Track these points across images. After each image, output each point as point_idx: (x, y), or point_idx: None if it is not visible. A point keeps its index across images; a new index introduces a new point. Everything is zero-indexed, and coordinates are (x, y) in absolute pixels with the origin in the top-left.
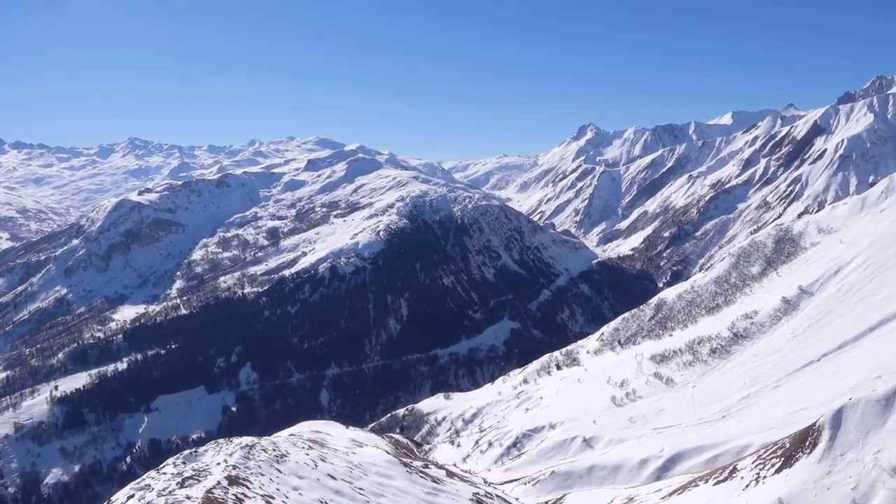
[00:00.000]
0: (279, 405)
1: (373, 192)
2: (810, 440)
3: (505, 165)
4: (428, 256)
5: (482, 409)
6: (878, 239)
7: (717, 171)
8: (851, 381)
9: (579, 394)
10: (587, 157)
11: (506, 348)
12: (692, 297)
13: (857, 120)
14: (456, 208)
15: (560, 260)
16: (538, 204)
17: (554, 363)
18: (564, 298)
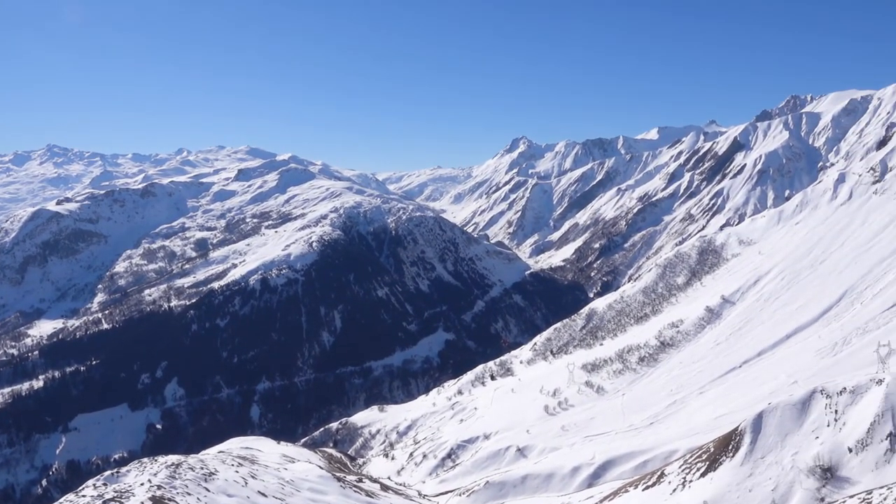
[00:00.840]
0: (208, 421)
1: (306, 203)
2: (733, 444)
3: (439, 177)
4: (362, 268)
5: (417, 421)
6: (793, 250)
7: (645, 185)
8: (770, 387)
9: (513, 403)
10: (520, 169)
11: (440, 360)
12: (621, 307)
13: (773, 137)
14: (390, 219)
15: (494, 271)
16: (472, 215)
17: (488, 373)
18: (498, 309)
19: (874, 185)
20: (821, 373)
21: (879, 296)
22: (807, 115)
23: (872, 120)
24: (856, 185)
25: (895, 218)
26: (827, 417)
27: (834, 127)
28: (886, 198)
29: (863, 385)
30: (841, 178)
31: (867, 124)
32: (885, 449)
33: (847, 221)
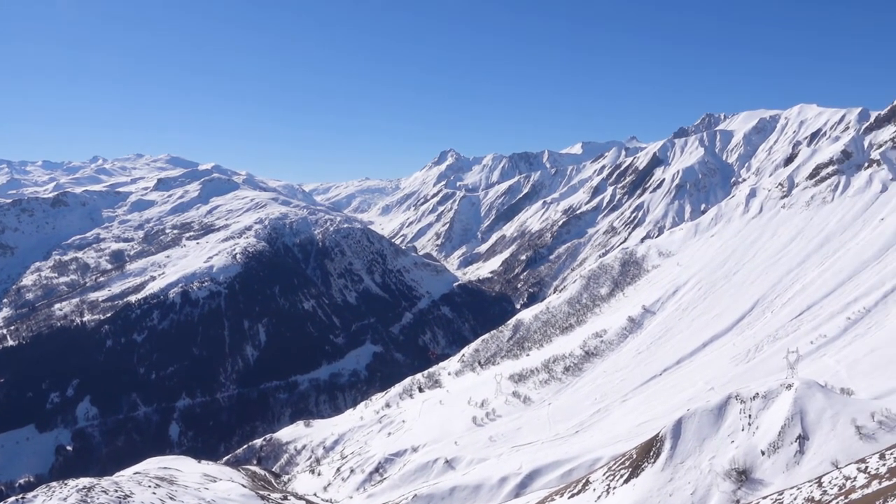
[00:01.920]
0: (123, 441)
1: (229, 214)
2: (654, 450)
3: (367, 188)
4: (288, 280)
5: (344, 436)
6: (709, 262)
7: (569, 198)
8: (689, 393)
9: (441, 415)
10: (448, 181)
11: (368, 372)
12: (547, 318)
13: (690, 153)
14: (317, 231)
15: (422, 283)
16: (400, 227)
17: (416, 386)
18: (426, 321)
19: (782, 199)
20: (736, 379)
21: (788, 304)
22: (720, 132)
23: (780, 138)
24: (766, 200)
25: (802, 231)
26: (741, 422)
27: (745, 144)
28: (793, 212)
29: (774, 390)
30: (752, 193)
31: (776, 142)
32: (794, 451)
33: (758, 234)
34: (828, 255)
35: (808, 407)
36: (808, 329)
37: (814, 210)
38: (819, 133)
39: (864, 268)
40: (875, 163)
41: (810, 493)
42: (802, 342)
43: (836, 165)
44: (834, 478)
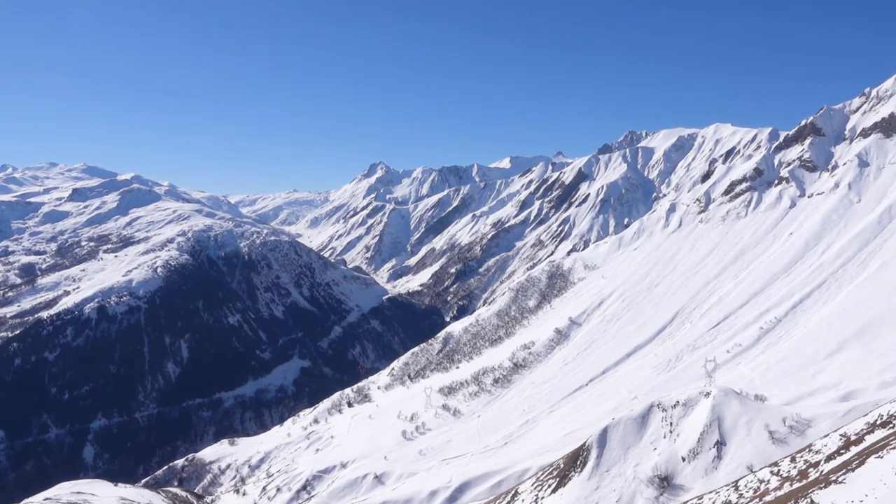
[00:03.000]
0: (32, 466)
1: (150, 226)
2: (581, 459)
3: (295, 201)
4: (212, 294)
5: (270, 453)
6: (632, 274)
7: (498, 212)
8: (614, 403)
9: (371, 430)
10: (377, 194)
11: (296, 388)
12: (477, 331)
13: (613, 168)
14: (243, 244)
15: (351, 296)
16: (329, 240)
17: (345, 401)
18: (356, 335)
19: (700, 214)
20: (658, 388)
21: (706, 315)
22: (642, 149)
23: (698, 155)
24: (685, 215)
25: (718, 244)
26: (663, 429)
27: (665, 161)
28: (710, 226)
29: (693, 398)
30: (672, 207)
31: (693, 159)
32: (712, 456)
33: (677, 248)
34: (742, 268)
35: (725, 413)
36: (724, 339)
37: (729, 225)
38: (733, 151)
39: (775, 280)
40: (784, 180)
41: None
42: (719, 351)
43: (749, 182)
44: (749, 481)
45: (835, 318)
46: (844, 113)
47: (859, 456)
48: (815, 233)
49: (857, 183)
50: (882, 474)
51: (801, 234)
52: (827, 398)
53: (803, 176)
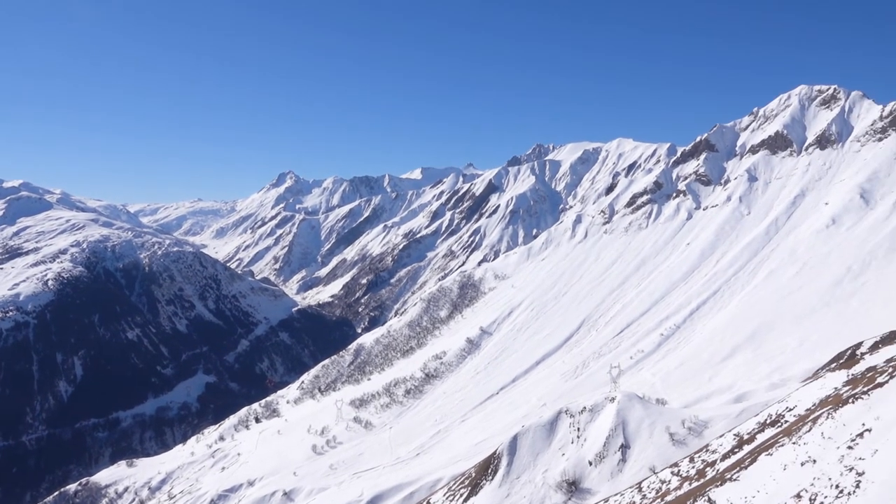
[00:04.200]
0: None
1: (40, 236)
2: (492, 467)
3: (200, 210)
4: (109, 308)
5: (172, 474)
6: (541, 283)
7: (410, 222)
8: (524, 410)
9: (280, 446)
10: (287, 204)
11: (200, 404)
12: (389, 342)
13: (522, 181)
14: (143, 255)
15: (259, 308)
16: (236, 251)
17: (253, 416)
18: (264, 348)
19: (604, 225)
20: (566, 394)
21: (610, 323)
22: (550, 162)
23: (602, 169)
24: (590, 226)
25: (621, 255)
26: (571, 435)
27: (572, 173)
28: (614, 237)
29: (599, 404)
30: (578, 219)
31: (598, 172)
32: (617, 459)
33: (584, 258)
34: (644, 277)
35: (629, 418)
36: (628, 345)
37: (631, 235)
38: (635, 165)
39: (674, 288)
40: (682, 193)
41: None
42: (623, 357)
43: (650, 195)
44: (652, 482)
45: (728, 323)
46: (735, 130)
47: (751, 454)
48: (710, 243)
49: (747, 196)
50: (772, 470)
51: (697, 244)
52: (722, 400)
53: (699, 189)
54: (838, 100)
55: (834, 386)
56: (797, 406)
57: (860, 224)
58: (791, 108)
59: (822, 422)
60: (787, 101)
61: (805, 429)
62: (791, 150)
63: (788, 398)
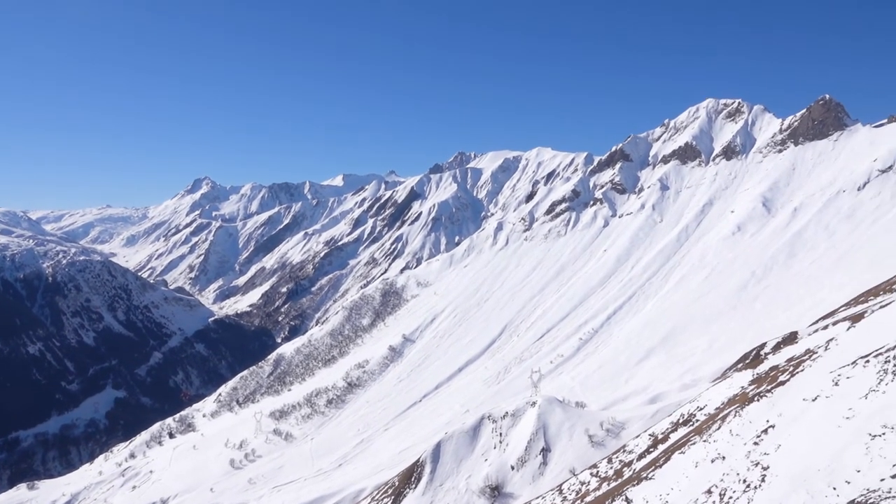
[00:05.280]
0: None
1: None
2: (415, 475)
3: (109, 217)
4: (8, 321)
5: (79, 495)
6: (463, 290)
7: (331, 230)
8: (447, 417)
9: (196, 461)
10: (203, 211)
11: (109, 421)
12: (310, 351)
13: (444, 188)
14: (46, 264)
15: (173, 319)
16: (148, 259)
17: (166, 431)
18: (178, 360)
19: (525, 232)
20: (489, 400)
21: (531, 328)
22: (471, 170)
23: (522, 177)
24: (511, 233)
25: (541, 261)
26: (494, 440)
27: (493, 181)
28: (534, 243)
29: (521, 408)
30: (499, 226)
31: (518, 180)
32: (539, 463)
33: (505, 264)
34: (563, 283)
35: (549, 421)
36: (548, 350)
37: (551, 242)
38: (554, 173)
39: (592, 293)
40: (599, 201)
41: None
42: (544, 362)
43: (568, 203)
44: (572, 484)
45: (643, 327)
46: (648, 141)
47: (665, 453)
48: (625, 249)
49: (660, 204)
50: (684, 468)
51: (613, 250)
52: (638, 401)
53: (615, 197)
54: (742, 113)
55: (741, 385)
56: (707, 405)
57: (763, 231)
58: (699, 120)
59: (730, 420)
60: (696, 113)
61: (715, 427)
62: (700, 161)
63: (699, 398)
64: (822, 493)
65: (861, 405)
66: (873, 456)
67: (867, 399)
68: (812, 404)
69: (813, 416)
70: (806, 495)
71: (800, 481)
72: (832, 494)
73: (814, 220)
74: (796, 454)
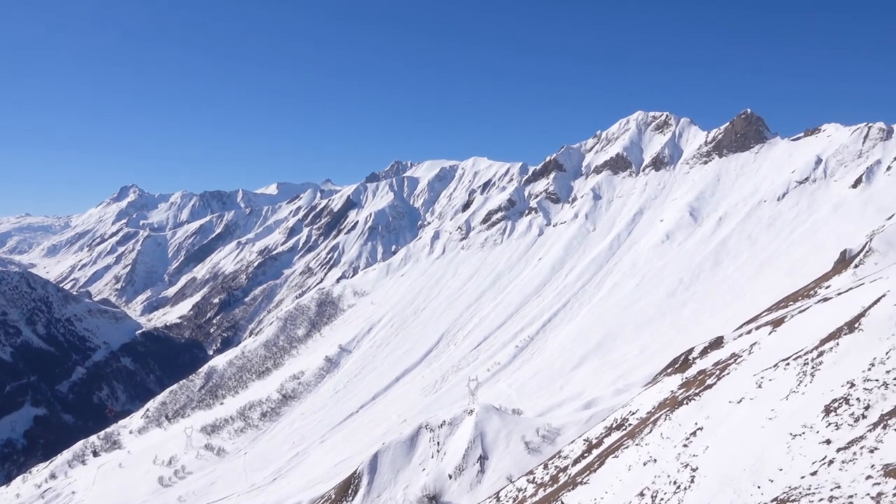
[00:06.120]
0: None
1: None
2: (352, 487)
3: (28, 226)
4: None
5: None
6: (400, 299)
7: (265, 239)
8: (384, 427)
9: (122, 480)
10: (130, 220)
11: (27, 441)
12: (243, 363)
13: (381, 197)
14: None
15: (98, 332)
16: (71, 270)
17: (90, 450)
18: (103, 375)
19: (462, 241)
20: (426, 409)
21: (468, 337)
22: (408, 178)
23: (459, 186)
24: (448, 242)
25: (478, 270)
26: (431, 449)
27: (429, 190)
28: (471, 252)
29: (458, 417)
30: (436, 235)
31: (455, 189)
32: (476, 471)
33: (442, 273)
34: (500, 291)
35: (486, 429)
36: (485, 358)
37: (487, 251)
38: (490, 183)
39: (528, 301)
40: (534, 210)
41: None
42: (481, 370)
43: (504, 212)
44: (509, 491)
45: (577, 334)
46: (581, 151)
47: (600, 457)
48: (559, 258)
49: (593, 213)
50: (618, 472)
51: (548, 259)
52: (573, 407)
53: (549, 207)
54: (670, 125)
55: (671, 389)
56: (639, 409)
57: (690, 239)
58: (630, 132)
59: (661, 423)
60: (627, 125)
61: (646, 430)
62: (630, 171)
63: (631, 402)
64: (747, 492)
65: (783, 406)
66: (794, 454)
67: (788, 400)
68: (737, 406)
69: (738, 418)
70: (733, 494)
71: (727, 481)
72: (757, 493)
73: (737, 228)
74: (723, 455)
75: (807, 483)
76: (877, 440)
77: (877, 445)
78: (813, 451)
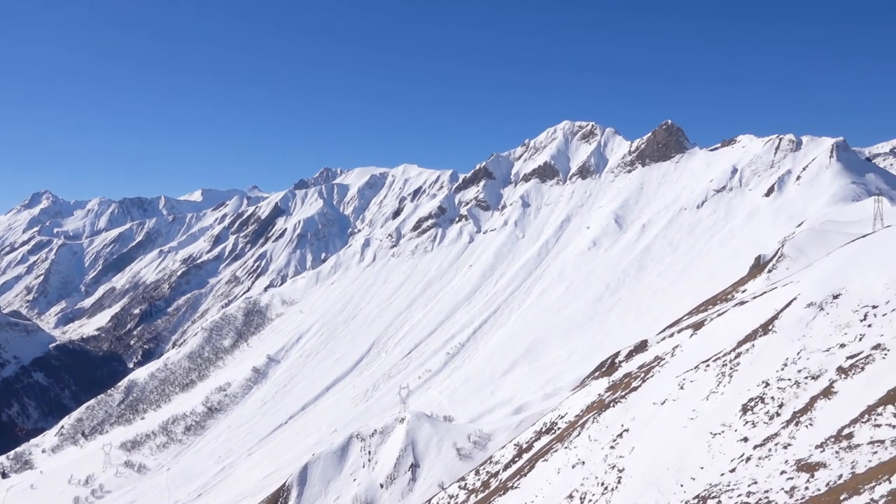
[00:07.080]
0: None
1: None
2: (281, 500)
3: None
4: None
5: None
6: (330, 307)
7: (189, 247)
8: (314, 438)
9: (34, 502)
10: (43, 227)
11: None
12: (166, 376)
13: (310, 204)
14: None
15: (7, 346)
16: None
17: None
18: (13, 391)
19: (392, 248)
20: (357, 418)
21: (399, 344)
22: (338, 185)
23: (389, 193)
24: (378, 249)
25: (409, 277)
26: (363, 459)
27: (360, 197)
28: (402, 259)
29: (390, 425)
30: (367, 242)
31: (385, 196)
32: (408, 479)
33: (372, 281)
34: (430, 298)
35: (418, 437)
36: (416, 365)
37: (418, 258)
38: (420, 190)
39: (458, 308)
40: (464, 217)
41: None
42: (412, 377)
43: (434, 219)
44: (441, 499)
45: (507, 340)
46: (510, 159)
47: (530, 461)
48: (489, 265)
49: (522, 221)
50: (547, 475)
51: (478, 266)
52: (504, 412)
53: (479, 214)
54: (595, 135)
55: (598, 392)
56: (568, 413)
57: (615, 246)
58: (557, 140)
59: (588, 426)
60: (554, 134)
61: (575, 434)
62: (558, 179)
63: (560, 406)
64: (671, 491)
65: (703, 406)
66: (714, 453)
67: (708, 400)
68: (661, 407)
69: (662, 419)
70: (657, 493)
71: (651, 480)
72: (679, 491)
73: (660, 235)
74: (648, 455)
75: (726, 480)
76: (790, 437)
77: (790, 441)
78: (732, 448)
